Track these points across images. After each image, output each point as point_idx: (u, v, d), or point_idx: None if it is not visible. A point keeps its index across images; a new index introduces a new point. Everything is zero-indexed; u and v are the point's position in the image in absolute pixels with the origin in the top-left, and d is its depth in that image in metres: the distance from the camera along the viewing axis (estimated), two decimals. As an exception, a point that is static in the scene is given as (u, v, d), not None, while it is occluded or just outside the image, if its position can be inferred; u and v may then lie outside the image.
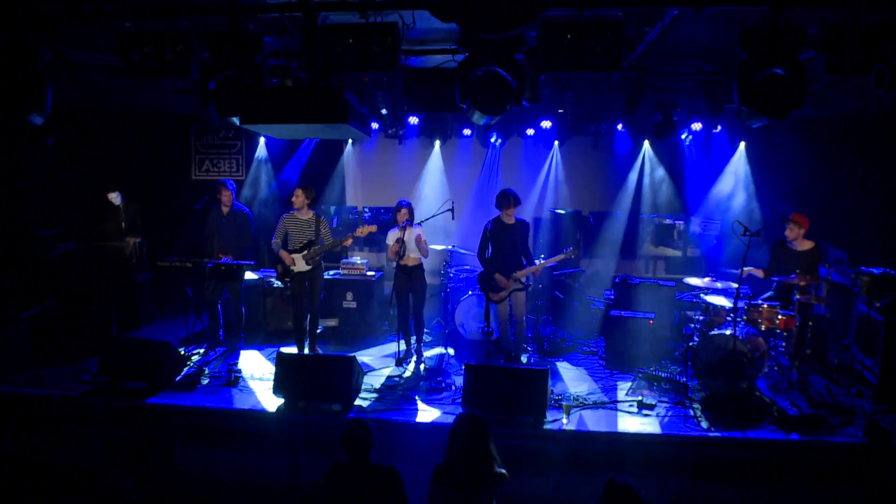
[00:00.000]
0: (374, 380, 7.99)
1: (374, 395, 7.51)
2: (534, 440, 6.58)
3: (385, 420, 6.87)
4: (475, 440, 4.50)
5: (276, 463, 7.01)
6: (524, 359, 8.56)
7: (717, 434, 6.43)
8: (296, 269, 8.50)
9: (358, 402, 7.25)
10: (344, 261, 10.00)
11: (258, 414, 7.12)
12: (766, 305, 7.42)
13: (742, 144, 10.72)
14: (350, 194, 12.27)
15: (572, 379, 8.11)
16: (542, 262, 8.26)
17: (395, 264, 8.39)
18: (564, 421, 6.70)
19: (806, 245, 7.86)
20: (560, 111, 9.87)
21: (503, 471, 4.59)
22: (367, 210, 11.81)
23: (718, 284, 8.04)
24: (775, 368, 7.72)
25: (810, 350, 7.41)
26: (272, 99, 5.20)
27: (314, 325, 8.84)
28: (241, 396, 7.48)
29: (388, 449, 6.67)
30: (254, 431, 7.08)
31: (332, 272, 10.03)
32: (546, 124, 10.02)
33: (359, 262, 9.92)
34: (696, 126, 9.52)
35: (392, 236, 8.49)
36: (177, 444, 7.19)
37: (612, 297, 9.51)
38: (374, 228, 8.38)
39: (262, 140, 11.94)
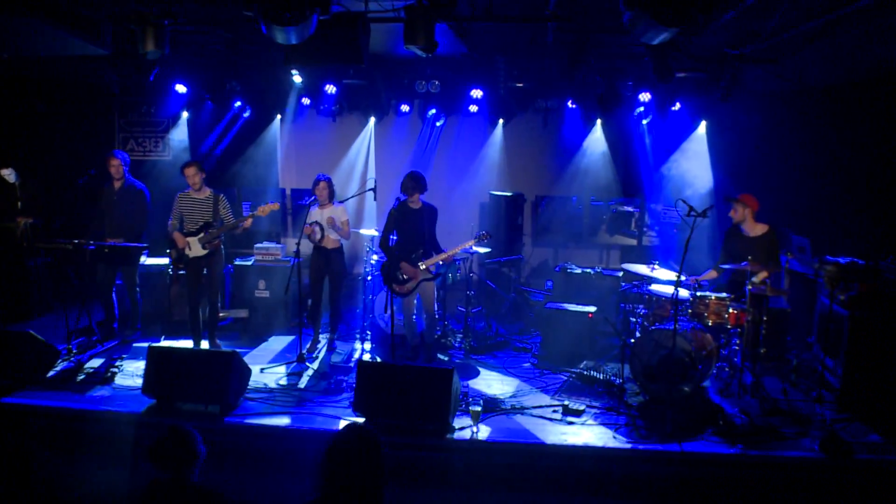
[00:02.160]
0: (272, 378, 7.00)
1: (264, 395, 6.51)
2: (437, 451, 5.62)
3: (264, 425, 5.90)
4: (359, 464, 3.27)
5: (144, 475, 6.03)
6: (445, 357, 7.58)
7: (648, 446, 5.46)
8: (191, 253, 7.57)
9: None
10: (257, 246, 8.95)
11: (123, 417, 6.13)
12: (713, 297, 6.46)
13: (703, 124, 9.78)
14: (283, 176, 11.29)
15: (496, 379, 7.13)
16: (452, 249, 7.20)
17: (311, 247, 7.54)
18: (474, 429, 5.72)
19: (758, 229, 6.90)
20: (501, 82, 8.84)
21: None
22: (306, 195, 10.71)
23: (670, 274, 7.05)
24: (726, 370, 6.78)
25: (765, 349, 6.48)
26: None
27: (214, 316, 7.87)
28: (112, 396, 6.51)
29: (268, 459, 5.77)
30: (118, 437, 6.08)
31: (241, 258, 9.03)
32: (476, 94, 8.98)
33: (273, 246, 8.88)
34: (645, 97, 8.50)
35: (311, 215, 7.74)
36: (34, 450, 6.20)
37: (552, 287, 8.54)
38: (276, 206, 7.56)
39: (184, 115, 10.91)
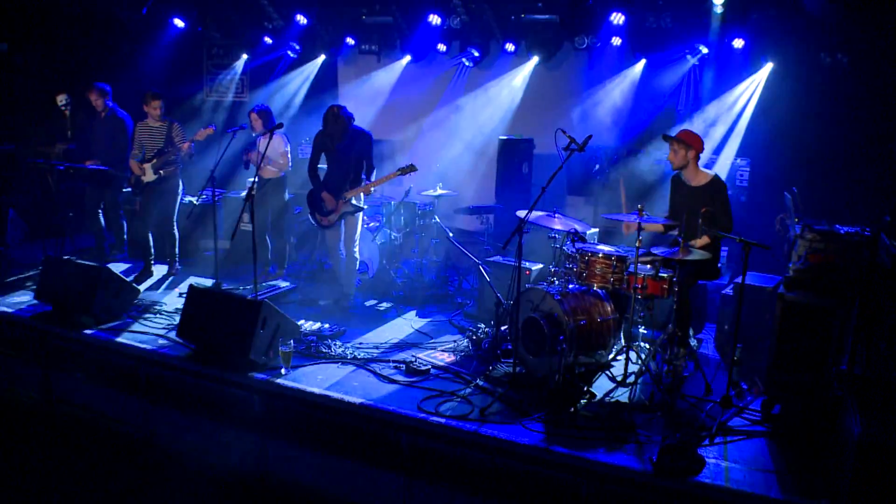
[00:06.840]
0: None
1: (150, 315, 6.47)
2: (238, 388, 5.14)
3: (105, 339, 5.88)
4: None
5: (28, 378, 6.33)
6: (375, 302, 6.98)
7: (442, 420, 4.47)
8: (145, 178, 7.74)
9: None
10: (249, 179, 8.83)
11: (14, 318, 6.34)
12: (600, 254, 5.10)
13: (768, 66, 7.81)
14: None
15: (389, 329, 6.38)
16: (375, 180, 6.58)
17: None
18: (282, 371, 5.12)
19: (701, 178, 5.34)
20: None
21: None
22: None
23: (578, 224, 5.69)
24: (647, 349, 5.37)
25: (677, 328, 5.02)
26: None
27: (171, 242, 8.00)
28: (17, 300, 6.83)
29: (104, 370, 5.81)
30: (6, 339, 6.38)
31: (235, 192, 9.07)
32: (434, 20, 7.95)
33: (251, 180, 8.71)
34: (618, 18, 6.89)
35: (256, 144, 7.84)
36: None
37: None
38: (211, 131, 7.49)
39: (243, 57, 11.11)
